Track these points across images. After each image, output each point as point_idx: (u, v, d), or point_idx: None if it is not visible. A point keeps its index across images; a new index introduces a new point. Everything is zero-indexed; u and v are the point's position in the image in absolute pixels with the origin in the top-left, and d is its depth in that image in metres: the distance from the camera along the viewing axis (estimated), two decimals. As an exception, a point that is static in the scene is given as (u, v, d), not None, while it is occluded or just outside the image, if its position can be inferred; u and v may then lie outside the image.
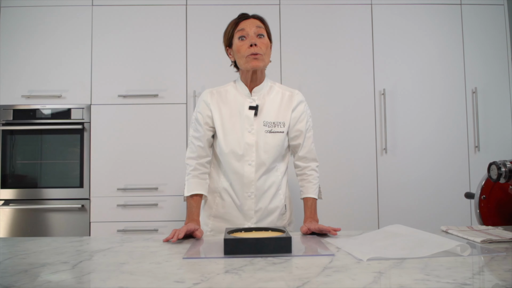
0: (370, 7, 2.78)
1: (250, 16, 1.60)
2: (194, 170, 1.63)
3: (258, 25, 1.58)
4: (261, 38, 1.57)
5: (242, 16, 1.60)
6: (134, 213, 2.62)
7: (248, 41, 1.55)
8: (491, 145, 2.73)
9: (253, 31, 1.56)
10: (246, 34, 1.56)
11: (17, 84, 2.67)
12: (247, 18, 1.60)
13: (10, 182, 2.64)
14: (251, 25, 1.57)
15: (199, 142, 1.64)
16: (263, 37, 1.58)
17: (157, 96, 2.68)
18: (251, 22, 1.57)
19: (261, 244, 1.06)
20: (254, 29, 1.56)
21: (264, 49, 1.56)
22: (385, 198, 2.70)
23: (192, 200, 1.59)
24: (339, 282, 0.82)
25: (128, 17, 2.72)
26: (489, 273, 0.89)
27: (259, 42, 1.56)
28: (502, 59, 2.77)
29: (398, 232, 1.24)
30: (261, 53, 1.55)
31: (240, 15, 1.61)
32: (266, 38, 1.59)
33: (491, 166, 1.39)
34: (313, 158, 1.69)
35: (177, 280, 0.85)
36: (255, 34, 1.56)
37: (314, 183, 1.65)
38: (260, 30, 1.57)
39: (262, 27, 1.59)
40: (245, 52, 1.55)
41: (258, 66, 1.56)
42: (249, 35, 1.56)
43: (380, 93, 2.73)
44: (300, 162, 1.68)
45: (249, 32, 1.56)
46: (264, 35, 1.58)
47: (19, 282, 0.84)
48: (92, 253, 1.13)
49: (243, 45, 1.56)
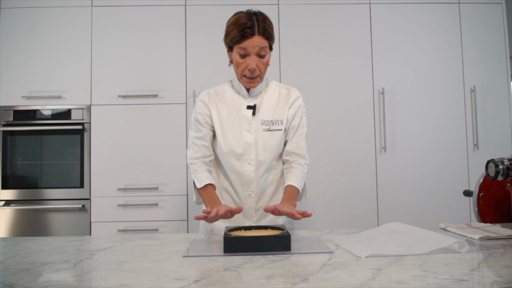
0: (368, 6, 2.78)
1: (255, 33, 1.49)
2: (201, 167, 1.60)
3: (262, 45, 1.50)
4: (261, 58, 1.53)
5: (247, 33, 1.48)
6: (134, 213, 2.63)
7: (248, 61, 1.51)
8: (490, 143, 2.74)
9: (255, 52, 1.50)
10: (248, 53, 1.51)
11: (17, 85, 2.68)
12: (253, 34, 1.48)
13: (11, 183, 2.65)
14: (254, 46, 1.49)
15: (202, 142, 1.63)
16: (264, 57, 1.53)
17: (157, 96, 2.69)
18: (255, 42, 1.49)
19: (261, 242, 1.07)
20: (256, 50, 1.50)
21: (262, 70, 1.55)
22: (384, 196, 2.71)
23: (208, 189, 1.53)
24: (338, 279, 0.83)
25: (127, 18, 2.73)
26: (487, 269, 0.90)
27: (259, 64, 1.52)
28: (500, 57, 2.78)
29: (397, 230, 1.24)
30: (257, 75, 1.54)
31: (245, 30, 1.48)
32: (268, 56, 1.54)
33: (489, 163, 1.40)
34: (301, 155, 1.64)
35: (177, 278, 0.86)
36: (256, 55, 1.51)
37: (298, 175, 1.58)
38: (262, 50, 1.51)
39: (266, 46, 1.52)
40: (243, 72, 1.54)
41: (253, 87, 1.58)
42: (251, 57, 1.51)
43: (379, 92, 2.74)
44: (288, 157, 1.64)
45: (250, 52, 1.50)
46: (266, 54, 1.53)
47: (21, 280, 0.85)
48: (93, 252, 1.14)
49: (242, 64, 1.52)
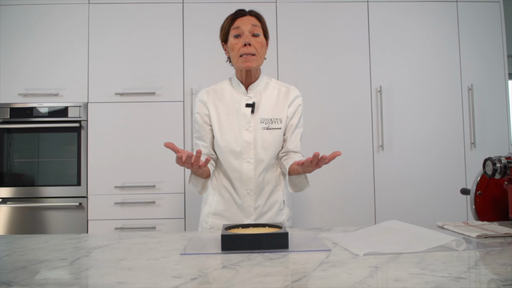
0: (366, 4, 2.78)
1: (246, 13, 1.58)
2: None
3: (254, 23, 1.56)
4: (256, 37, 1.56)
5: (239, 13, 1.58)
6: (131, 211, 2.63)
7: (242, 40, 1.54)
8: (487, 142, 2.75)
9: (248, 30, 1.54)
10: (241, 32, 1.55)
11: (14, 82, 2.66)
12: (244, 15, 1.58)
13: (8, 181, 2.64)
14: (247, 23, 1.55)
15: (202, 142, 1.64)
16: (259, 36, 1.56)
17: (154, 94, 2.68)
18: (247, 20, 1.56)
19: (258, 240, 1.06)
20: (249, 28, 1.55)
21: (258, 49, 1.56)
22: (382, 195, 2.72)
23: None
24: (336, 276, 0.83)
25: (124, 15, 2.72)
26: (484, 267, 0.90)
27: (254, 42, 1.55)
28: (497, 56, 2.79)
29: (394, 228, 1.24)
30: (254, 53, 1.55)
31: (236, 11, 1.59)
32: (262, 37, 1.58)
33: (486, 162, 1.40)
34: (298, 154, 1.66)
35: (174, 276, 0.85)
36: (250, 33, 1.55)
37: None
38: (255, 28, 1.56)
39: (258, 26, 1.57)
40: (239, 52, 1.55)
41: (250, 67, 1.56)
42: (244, 34, 1.54)
43: (377, 90, 2.74)
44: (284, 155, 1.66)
45: (244, 30, 1.54)
46: (259, 34, 1.57)
47: (18, 278, 0.85)
48: (90, 249, 1.13)
49: (237, 44, 1.55)
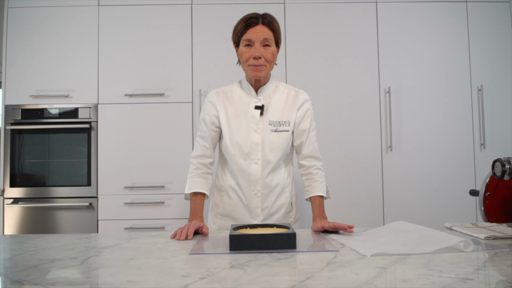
0: (375, 5, 2.78)
1: (259, 21, 1.54)
2: (197, 169, 1.64)
3: (266, 35, 1.53)
4: (267, 48, 1.54)
5: (252, 22, 1.54)
6: (141, 211, 2.65)
7: (252, 51, 1.53)
8: (497, 143, 2.72)
9: (259, 41, 1.52)
10: (252, 43, 1.53)
11: (25, 84, 2.70)
12: (256, 24, 1.53)
13: (19, 181, 2.68)
14: (259, 35, 1.52)
15: (204, 142, 1.66)
16: (270, 47, 1.54)
17: (163, 95, 2.70)
18: (259, 32, 1.52)
19: (266, 240, 1.07)
20: (261, 39, 1.52)
21: (269, 59, 1.55)
22: (390, 196, 2.71)
23: (196, 198, 1.59)
24: (343, 277, 0.83)
25: (134, 17, 2.74)
26: (492, 269, 0.90)
27: (264, 52, 1.53)
28: (507, 56, 2.76)
29: (402, 229, 1.24)
30: (263, 64, 1.54)
31: (250, 18, 1.54)
32: (273, 48, 1.56)
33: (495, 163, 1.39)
34: (316, 157, 1.68)
35: (183, 275, 0.86)
36: (261, 44, 1.53)
37: (321, 181, 1.63)
38: (267, 40, 1.53)
39: (270, 37, 1.54)
40: (248, 61, 1.55)
41: (259, 76, 1.57)
42: (255, 46, 1.53)
43: (385, 91, 2.74)
44: (304, 162, 1.67)
45: (255, 41, 1.53)
46: (271, 44, 1.55)
47: (30, 277, 0.87)
48: (100, 249, 1.15)
49: (247, 53, 1.54)
